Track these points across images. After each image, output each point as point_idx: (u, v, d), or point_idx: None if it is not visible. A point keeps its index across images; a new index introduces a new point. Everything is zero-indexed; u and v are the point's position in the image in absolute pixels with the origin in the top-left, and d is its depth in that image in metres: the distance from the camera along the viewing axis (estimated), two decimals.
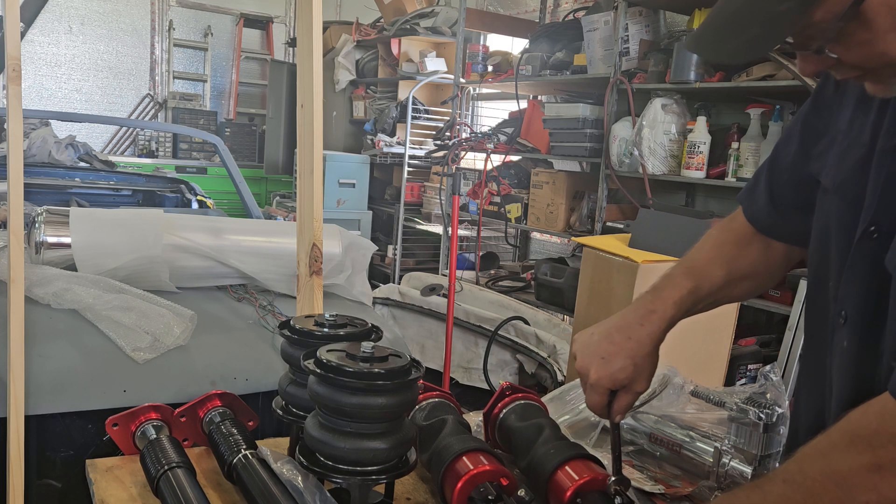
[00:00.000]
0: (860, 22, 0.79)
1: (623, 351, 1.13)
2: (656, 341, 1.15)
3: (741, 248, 1.21)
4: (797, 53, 0.86)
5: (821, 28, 0.80)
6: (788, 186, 1.14)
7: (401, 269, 5.74)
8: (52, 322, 1.73)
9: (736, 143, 3.40)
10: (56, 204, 3.23)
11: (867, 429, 0.81)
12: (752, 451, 1.25)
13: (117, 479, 1.22)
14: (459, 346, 3.57)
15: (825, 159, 1.03)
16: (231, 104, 8.46)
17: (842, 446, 0.82)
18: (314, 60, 1.69)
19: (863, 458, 0.79)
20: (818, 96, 1.09)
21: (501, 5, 5.94)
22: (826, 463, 0.82)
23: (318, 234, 1.71)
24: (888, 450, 0.78)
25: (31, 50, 7.35)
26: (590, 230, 4.09)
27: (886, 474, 0.78)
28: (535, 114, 4.58)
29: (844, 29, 0.79)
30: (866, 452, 0.79)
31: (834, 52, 0.83)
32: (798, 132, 1.11)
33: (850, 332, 0.97)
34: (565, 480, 1.08)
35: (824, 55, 0.84)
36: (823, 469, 0.82)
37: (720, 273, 1.20)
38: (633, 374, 1.13)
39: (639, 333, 1.14)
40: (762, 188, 1.18)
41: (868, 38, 0.80)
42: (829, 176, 1.02)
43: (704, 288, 1.19)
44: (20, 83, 1.60)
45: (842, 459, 0.81)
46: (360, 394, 0.97)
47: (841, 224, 1.00)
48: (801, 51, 0.85)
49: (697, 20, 3.54)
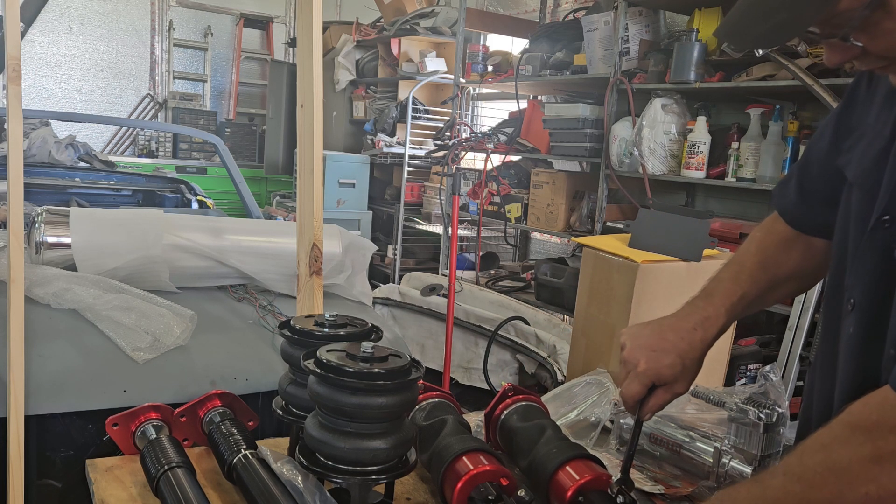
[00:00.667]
0: (886, 11, 0.80)
1: (675, 349, 1.14)
2: (706, 348, 1.17)
3: (785, 251, 1.22)
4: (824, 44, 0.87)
5: (846, 16, 0.81)
6: (818, 180, 1.15)
7: (401, 269, 5.74)
8: (52, 322, 1.73)
9: (736, 143, 3.40)
10: (56, 204, 3.23)
11: (868, 420, 0.81)
12: (752, 452, 1.25)
13: (117, 478, 1.22)
14: (459, 346, 3.57)
15: (852, 154, 1.05)
16: (231, 104, 8.46)
17: (842, 438, 0.82)
18: (314, 60, 1.69)
19: (863, 450, 0.80)
20: (852, 94, 1.10)
21: (501, 5, 5.94)
22: (826, 454, 0.82)
23: (318, 234, 1.71)
24: (888, 441, 0.79)
25: (31, 50, 7.35)
26: (590, 230, 4.09)
27: (887, 465, 0.78)
28: (535, 114, 4.58)
29: (870, 17, 0.80)
30: (866, 444, 0.80)
31: (859, 41, 0.84)
32: (830, 128, 1.13)
33: (857, 319, 0.98)
34: (566, 480, 1.08)
35: (850, 44, 0.84)
36: (823, 461, 0.82)
37: (766, 277, 1.21)
38: (680, 373, 1.14)
39: (692, 337, 1.16)
40: (794, 181, 1.21)
41: (893, 28, 0.81)
42: (853, 169, 1.04)
43: (752, 293, 1.21)
44: (20, 83, 1.60)
45: (842, 451, 0.81)
46: (360, 394, 0.97)
47: (859, 215, 1.01)
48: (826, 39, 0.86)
49: (697, 20, 3.55)
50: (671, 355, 1.14)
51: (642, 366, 1.14)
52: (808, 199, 1.17)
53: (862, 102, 1.06)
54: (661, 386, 1.15)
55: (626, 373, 1.17)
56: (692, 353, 1.15)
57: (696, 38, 3.45)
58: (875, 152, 0.98)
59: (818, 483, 0.81)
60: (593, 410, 1.52)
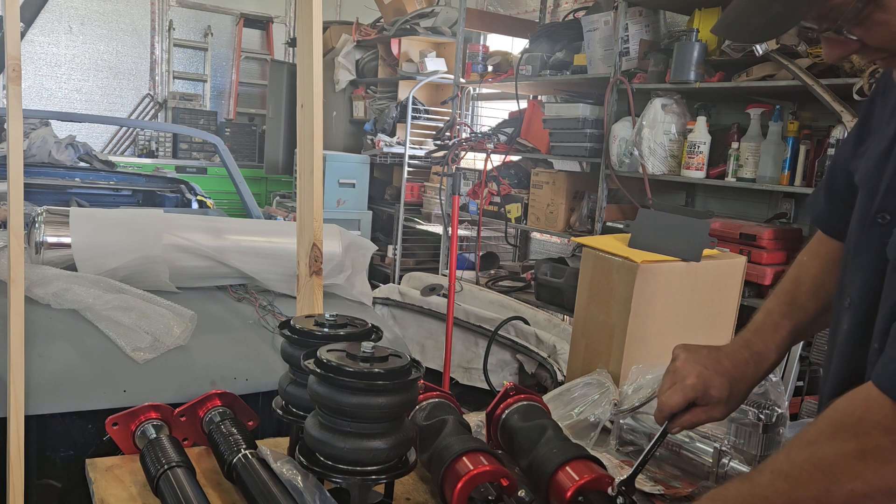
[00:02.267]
0: (877, 4, 0.80)
1: (728, 375, 1.15)
2: (754, 383, 1.18)
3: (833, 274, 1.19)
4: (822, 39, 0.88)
5: (840, 9, 0.81)
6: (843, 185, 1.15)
7: (401, 269, 5.74)
8: (52, 322, 1.73)
9: (736, 143, 3.40)
10: (56, 204, 3.23)
11: (852, 417, 0.82)
12: (752, 452, 1.25)
13: (117, 478, 1.22)
14: (459, 346, 3.57)
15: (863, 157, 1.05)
16: (231, 104, 8.46)
17: (827, 434, 0.83)
18: (314, 60, 1.69)
19: (848, 446, 0.80)
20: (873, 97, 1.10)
21: (501, 5, 5.94)
22: (812, 451, 0.83)
23: (318, 234, 1.71)
24: (872, 437, 0.79)
25: (31, 50, 7.35)
26: (590, 230, 4.09)
27: (871, 461, 0.79)
28: (535, 114, 4.58)
29: (863, 10, 0.81)
30: (851, 440, 0.80)
31: (855, 35, 0.84)
32: (855, 130, 1.13)
33: (852, 315, 0.99)
34: (566, 480, 1.08)
35: (846, 38, 0.85)
36: (810, 457, 0.83)
37: (817, 305, 1.20)
38: (725, 398, 1.14)
39: (745, 369, 1.17)
40: (823, 188, 1.20)
41: (886, 20, 0.81)
42: (860, 172, 1.04)
43: (803, 323, 1.20)
44: (20, 83, 1.60)
45: (827, 447, 0.82)
46: (360, 394, 0.97)
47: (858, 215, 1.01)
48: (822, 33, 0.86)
49: (697, 20, 3.55)
50: (723, 378, 1.14)
51: (692, 380, 1.14)
52: (837, 205, 1.17)
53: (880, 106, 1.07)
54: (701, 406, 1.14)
55: (671, 383, 1.16)
56: (741, 384, 1.16)
57: (696, 38, 3.45)
58: (878, 153, 0.99)
59: (805, 480, 0.82)
60: (593, 410, 1.52)
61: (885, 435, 0.79)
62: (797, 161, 3.18)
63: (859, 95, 2.76)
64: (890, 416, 0.79)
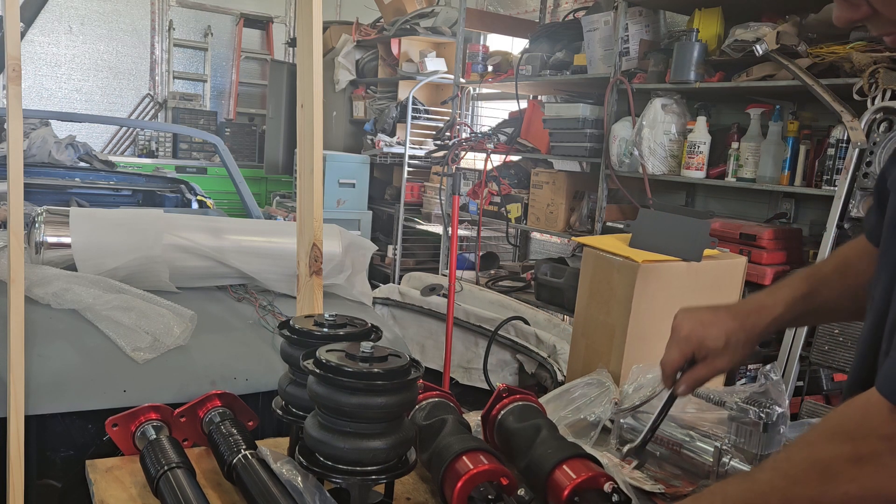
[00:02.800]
0: None
1: (723, 325, 1.15)
2: (757, 335, 1.17)
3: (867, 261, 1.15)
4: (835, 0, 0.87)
5: None
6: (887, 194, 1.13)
7: (401, 269, 5.73)
8: (52, 322, 1.73)
9: (736, 143, 3.40)
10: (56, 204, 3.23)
11: (850, 421, 0.83)
12: (752, 451, 1.25)
13: (117, 479, 1.22)
14: (459, 346, 3.57)
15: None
16: (231, 104, 8.46)
17: (826, 436, 0.84)
18: (314, 60, 1.69)
19: (844, 449, 0.81)
20: None
21: (501, 5, 5.94)
22: (810, 452, 0.84)
23: (318, 234, 1.71)
24: (869, 442, 0.79)
25: (31, 50, 7.35)
26: (590, 230, 4.09)
27: (867, 466, 0.79)
28: (535, 114, 4.58)
29: None
30: (847, 444, 0.81)
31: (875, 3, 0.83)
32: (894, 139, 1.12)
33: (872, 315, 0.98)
34: (563, 479, 1.08)
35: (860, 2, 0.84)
36: (807, 457, 0.83)
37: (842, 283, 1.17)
38: (722, 348, 1.14)
39: (744, 319, 1.16)
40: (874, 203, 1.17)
41: None
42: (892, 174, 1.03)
43: (822, 294, 1.18)
44: (20, 83, 1.60)
45: (825, 449, 0.82)
46: (359, 394, 0.97)
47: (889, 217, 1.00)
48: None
49: (697, 20, 3.54)
50: (717, 329, 1.14)
51: (685, 331, 1.14)
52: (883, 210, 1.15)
53: None
54: (701, 361, 1.14)
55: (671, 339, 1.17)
56: (739, 335, 1.15)
57: (696, 38, 3.45)
58: None
59: (802, 479, 0.83)
60: (593, 410, 1.52)
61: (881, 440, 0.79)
62: (797, 161, 3.18)
63: (859, 95, 2.76)
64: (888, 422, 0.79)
